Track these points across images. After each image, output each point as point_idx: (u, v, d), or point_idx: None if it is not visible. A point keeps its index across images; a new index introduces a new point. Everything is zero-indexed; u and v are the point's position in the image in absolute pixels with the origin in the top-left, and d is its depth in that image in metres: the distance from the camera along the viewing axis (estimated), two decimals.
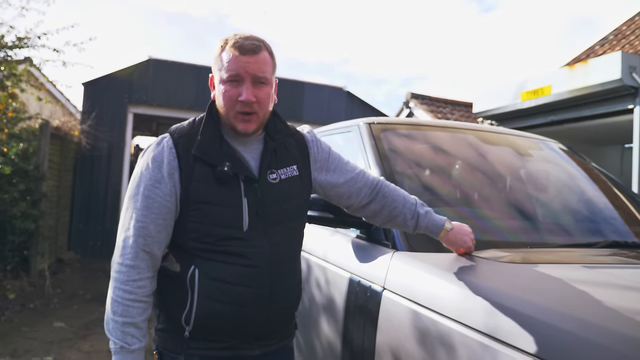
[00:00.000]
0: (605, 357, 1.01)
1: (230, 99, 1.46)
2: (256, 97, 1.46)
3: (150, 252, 1.44)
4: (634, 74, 5.43)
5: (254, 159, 1.53)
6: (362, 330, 1.80)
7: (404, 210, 1.71)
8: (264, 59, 1.48)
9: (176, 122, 1.64)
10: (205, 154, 1.46)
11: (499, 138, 2.84)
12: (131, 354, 1.44)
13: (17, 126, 7.14)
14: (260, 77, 1.46)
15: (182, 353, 1.49)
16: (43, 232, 7.06)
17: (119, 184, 9.89)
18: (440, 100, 11.35)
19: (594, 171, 2.82)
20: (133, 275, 1.43)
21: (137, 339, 1.44)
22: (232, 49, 1.45)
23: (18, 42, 6.75)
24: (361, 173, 1.74)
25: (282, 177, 1.54)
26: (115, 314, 1.43)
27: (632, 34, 8.58)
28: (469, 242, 1.74)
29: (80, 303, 6.18)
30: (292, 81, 11.06)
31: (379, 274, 1.79)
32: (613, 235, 2.25)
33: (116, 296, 1.43)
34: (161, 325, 1.56)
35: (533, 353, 1.11)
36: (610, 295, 1.37)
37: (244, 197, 1.46)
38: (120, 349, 1.44)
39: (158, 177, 1.44)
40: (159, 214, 1.44)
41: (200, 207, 1.44)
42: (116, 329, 1.43)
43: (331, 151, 1.73)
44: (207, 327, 1.47)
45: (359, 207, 1.73)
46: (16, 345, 4.50)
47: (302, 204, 1.62)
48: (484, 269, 1.62)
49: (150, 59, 10.09)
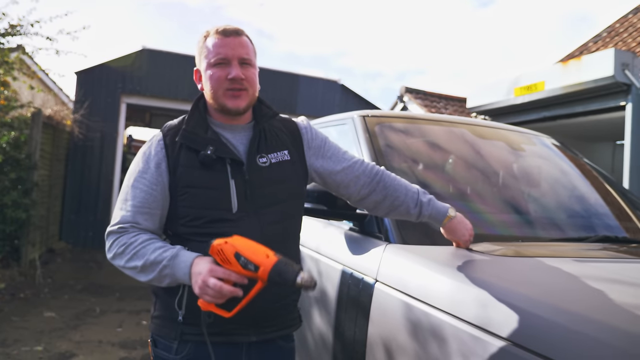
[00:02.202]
0: (597, 348, 1.02)
1: (218, 80, 1.52)
2: (245, 76, 1.53)
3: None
4: (626, 71, 5.46)
5: (243, 144, 1.58)
6: (354, 322, 1.81)
7: (406, 200, 1.70)
8: (246, 42, 1.57)
9: (169, 113, 1.70)
10: (189, 140, 1.51)
11: (492, 132, 2.85)
12: (176, 259, 1.41)
13: (8, 115, 7.08)
14: (245, 58, 1.54)
15: (176, 339, 1.50)
16: (34, 222, 7.01)
17: (111, 174, 9.84)
18: (434, 95, 11.36)
19: (586, 167, 2.84)
20: (123, 240, 1.47)
21: (166, 250, 1.43)
22: (216, 35, 1.54)
23: (10, 29, 6.69)
24: (359, 161, 1.73)
25: (273, 161, 1.57)
26: (140, 272, 1.45)
27: (625, 31, 8.61)
28: (467, 237, 1.73)
29: (71, 293, 6.17)
30: (287, 74, 11.01)
31: (371, 266, 1.80)
32: (604, 230, 2.27)
33: (125, 262, 1.46)
34: (157, 312, 1.58)
35: (524, 345, 1.12)
36: (600, 289, 1.39)
37: (231, 179, 1.50)
38: (164, 267, 1.42)
39: (145, 168, 1.52)
40: (145, 202, 1.49)
41: (188, 190, 1.49)
42: (151, 270, 1.43)
43: (327, 139, 1.75)
44: (199, 311, 1.45)
45: (359, 197, 1.72)
46: (6, 335, 4.48)
47: (295, 188, 1.63)
48: (476, 262, 1.63)
49: (144, 49, 10.01)
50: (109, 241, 1.50)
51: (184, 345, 1.50)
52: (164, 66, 10.11)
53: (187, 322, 1.49)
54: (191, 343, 1.50)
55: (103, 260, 8.46)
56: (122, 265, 1.47)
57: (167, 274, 1.41)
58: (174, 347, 1.51)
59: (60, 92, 12.15)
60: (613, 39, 8.64)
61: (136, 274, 1.45)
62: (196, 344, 1.49)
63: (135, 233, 1.47)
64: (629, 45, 7.90)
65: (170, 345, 1.51)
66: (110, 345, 4.44)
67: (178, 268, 1.39)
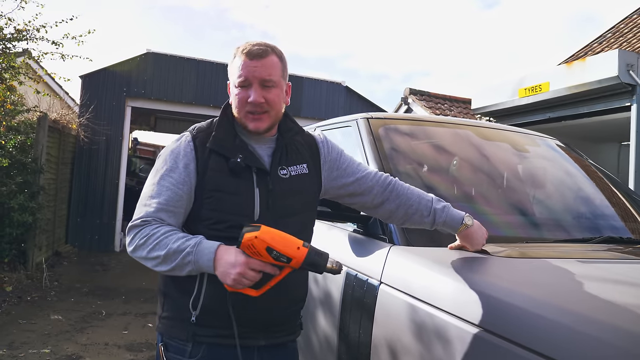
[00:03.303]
0: (602, 350, 1.02)
1: (240, 101, 1.56)
2: (265, 99, 1.55)
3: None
4: (631, 71, 5.45)
5: (267, 155, 1.61)
6: (358, 323, 1.82)
7: (419, 208, 1.72)
8: (271, 63, 1.57)
9: (175, 116, 1.71)
10: (220, 146, 1.55)
11: (496, 134, 2.85)
12: (199, 246, 1.41)
13: (15, 119, 7.12)
14: (266, 80, 1.55)
15: (189, 340, 1.50)
16: (41, 225, 7.04)
17: (116, 177, 9.87)
18: (438, 97, 11.35)
19: (591, 168, 2.83)
20: (145, 232, 1.45)
21: (189, 238, 1.43)
22: (241, 55, 1.56)
23: (17, 34, 6.72)
24: (372, 172, 1.77)
25: (292, 174, 1.61)
26: (162, 262, 1.43)
27: (630, 32, 8.59)
28: (481, 245, 1.73)
29: (77, 296, 6.19)
30: (291, 76, 10.96)
31: (375, 268, 1.80)
32: (609, 231, 2.26)
33: (147, 253, 1.44)
34: (166, 312, 1.57)
35: (529, 346, 1.12)
36: (605, 290, 1.39)
37: (256, 188, 1.53)
38: (188, 254, 1.41)
39: (173, 167, 1.53)
40: (170, 200, 1.49)
41: (214, 194, 1.51)
42: (173, 258, 1.42)
43: (343, 152, 1.79)
44: (214, 312, 1.48)
45: (373, 206, 1.75)
46: (13, 337, 4.51)
47: (310, 200, 1.68)
48: (480, 263, 1.63)
49: (148, 52, 10.05)
50: (130, 235, 1.48)
51: (198, 347, 1.50)
52: (168, 69, 10.14)
53: (201, 323, 1.49)
54: (205, 345, 1.50)
55: (109, 263, 8.50)
56: (144, 256, 1.45)
57: (190, 261, 1.40)
58: (188, 350, 1.51)
59: (66, 96, 12.19)
60: (617, 39, 8.62)
61: (157, 264, 1.44)
62: (210, 345, 1.50)
63: (157, 225, 1.46)
64: (634, 46, 7.88)
65: (184, 347, 1.51)
66: (117, 348, 4.46)
67: (202, 255, 1.40)
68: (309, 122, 3.70)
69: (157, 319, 1.62)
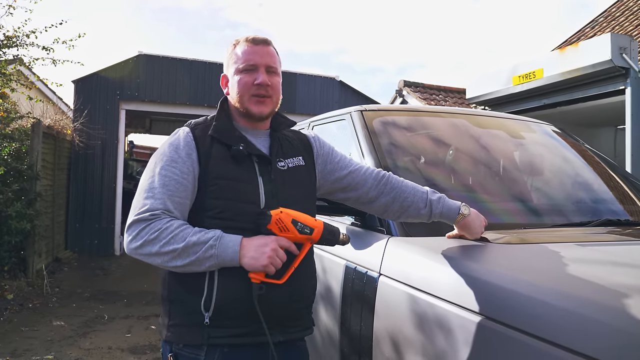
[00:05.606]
0: (604, 332, 1.02)
1: (245, 85, 1.58)
2: (270, 82, 1.59)
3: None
4: (624, 54, 5.44)
5: (264, 147, 1.62)
6: (359, 316, 1.81)
7: (415, 200, 1.71)
8: (273, 52, 1.64)
9: (169, 118, 1.71)
10: (222, 135, 1.56)
11: (492, 122, 2.84)
12: (222, 239, 1.40)
13: (8, 126, 7.09)
14: (272, 66, 1.60)
15: (203, 344, 1.44)
16: (39, 232, 7.03)
17: (113, 181, 9.85)
18: (433, 88, 11.34)
19: (587, 152, 2.83)
20: (156, 226, 1.40)
21: (208, 232, 1.41)
22: (246, 42, 1.60)
23: (7, 41, 6.69)
24: (365, 167, 1.78)
25: (290, 166, 1.63)
26: (178, 256, 1.38)
27: (622, 15, 8.58)
28: (480, 233, 1.72)
29: (79, 301, 6.18)
30: (284, 72, 10.95)
31: (374, 260, 1.80)
32: (607, 214, 2.26)
33: (159, 247, 1.38)
34: (174, 320, 1.50)
35: (531, 332, 1.12)
36: (605, 272, 1.38)
37: (259, 176, 1.53)
38: (211, 247, 1.38)
39: (174, 157, 1.50)
40: (175, 191, 1.46)
41: (218, 182, 1.49)
42: (193, 252, 1.38)
43: (334, 149, 1.80)
44: (228, 311, 1.43)
45: (368, 200, 1.74)
46: (16, 345, 4.50)
47: (309, 192, 1.68)
48: (479, 251, 1.63)
49: (140, 55, 10.02)
50: (135, 230, 1.40)
51: (213, 350, 1.44)
52: (161, 71, 10.11)
53: (215, 324, 1.43)
54: (220, 348, 1.44)
55: (109, 267, 8.49)
56: (155, 252, 1.38)
57: (212, 255, 1.37)
58: (202, 357, 1.44)
59: (60, 102, 12.15)
60: (610, 23, 8.61)
61: (171, 259, 1.38)
62: (226, 347, 1.45)
63: (168, 219, 1.41)
64: (626, 29, 7.87)
65: (197, 354, 1.45)
66: (120, 351, 4.45)
67: (226, 247, 1.38)
68: (303, 118, 3.68)
69: (164, 329, 1.52)
